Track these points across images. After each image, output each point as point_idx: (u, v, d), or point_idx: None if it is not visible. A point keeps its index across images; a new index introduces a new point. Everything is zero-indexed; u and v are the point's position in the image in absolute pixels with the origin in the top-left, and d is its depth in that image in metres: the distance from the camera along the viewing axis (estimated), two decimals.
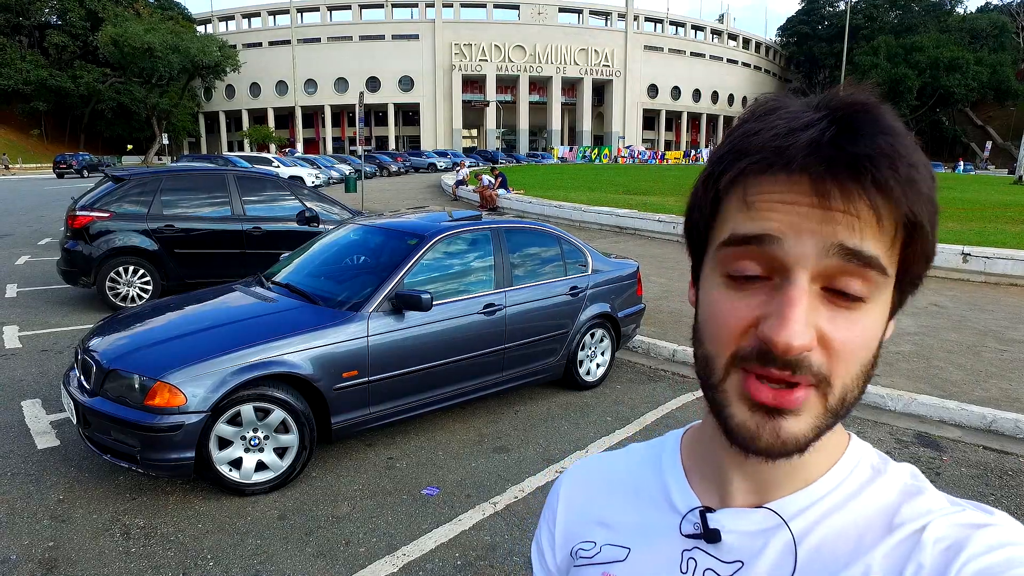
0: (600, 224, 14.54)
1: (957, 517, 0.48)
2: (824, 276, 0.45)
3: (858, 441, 0.55)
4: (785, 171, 0.45)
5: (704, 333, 0.50)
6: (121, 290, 7.02)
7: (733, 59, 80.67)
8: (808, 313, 0.44)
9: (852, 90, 0.46)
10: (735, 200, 0.47)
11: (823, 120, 0.45)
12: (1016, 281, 8.78)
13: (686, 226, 0.54)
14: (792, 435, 0.46)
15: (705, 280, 0.51)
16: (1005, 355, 5.74)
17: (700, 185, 0.51)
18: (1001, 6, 79.14)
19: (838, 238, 0.43)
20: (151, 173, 7.65)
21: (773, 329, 0.44)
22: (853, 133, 0.44)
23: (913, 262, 0.46)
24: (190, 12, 63.32)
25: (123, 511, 3.21)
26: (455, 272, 4.40)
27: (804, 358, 0.44)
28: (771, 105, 0.48)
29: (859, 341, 0.46)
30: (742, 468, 0.53)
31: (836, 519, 0.50)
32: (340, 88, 66.71)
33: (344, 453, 3.89)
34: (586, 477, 0.68)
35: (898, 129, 0.44)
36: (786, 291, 0.45)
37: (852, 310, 0.45)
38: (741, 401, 0.47)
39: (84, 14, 51.26)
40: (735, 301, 0.47)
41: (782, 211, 0.45)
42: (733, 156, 0.47)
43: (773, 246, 0.45)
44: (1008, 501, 3.51)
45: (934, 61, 61.61)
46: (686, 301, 3.92)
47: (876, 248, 0.44)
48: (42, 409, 4.39)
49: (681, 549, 0.55)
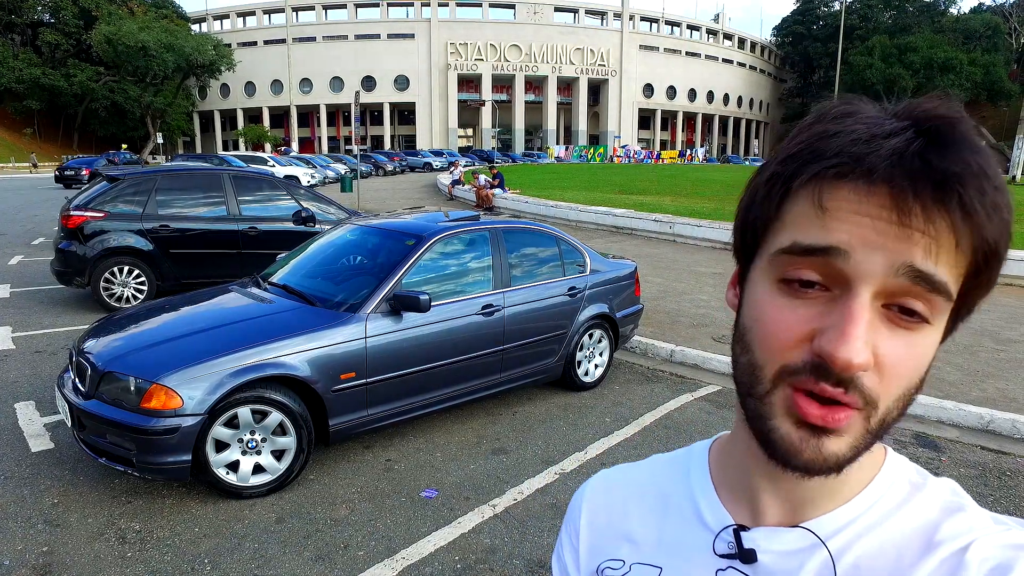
0: (597, 224, 14.54)
1: (1003, 537, 0.46)
2: (886, 294, 0.43)
3: (895, 455, 0.53)
4: (865, 179, 0.42)
5: (751, 339, 0.47)
6: (116, 291, 6.97)
7: (728, 59, 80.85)
8: (868, 331, 0.42)
9: (937, 101, 0.43)
10: (805, 204, 0.44)
11: (907, 130, 0.42)
12: (1012, 281, 8.82)
13: (739, 225, 0.50)
14: (834, 453, 0.44)
15: (754, 283, 0.48)
16: (1002, 355, 5.75)
17: (763, 183, 0.47)
18: (994, 7, 79.56)
19: (911, 259, 0.41)
20: (146, 173, 7.60)
21: (833, 344, 0.42)
22: (941, 147, 0.41)
23: (978, 290, 0.44)
24: (184, 10, 63.10)
25: (119, 515, 3.18)
26: (453, 273, 4.38)
27: (858, 377, 0.42)
28: (847, 108, 0.45)
29: (912, 364, 0.44)
30: (775, 484, 0.51)
31: (874, 537, 0.49)
32: (336, 87, 66.59)
33: (342, 455, 3.87)
34: (609, 490, 0.66)
35: (985, 147, 0.42)
36: (848, 305, 0.42)
37: (911, 331, 0.43)
38: (787, 416, 0.45)
39: (77, 12, 50.97)
40: (789, 309, 0.45)
41: (855, 223, 0.42)
42: (807, 157, 0.44)
43: (839, 259, 0.42)
44: (1007, 502, 3.51)
45: (928, 61, 61.88)
46: (684, 301, 3.91)
47: (947, 273, 0.42)
48: (36, 411, 4.35)
49: (715, 569, 0.54)
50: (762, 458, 0.47)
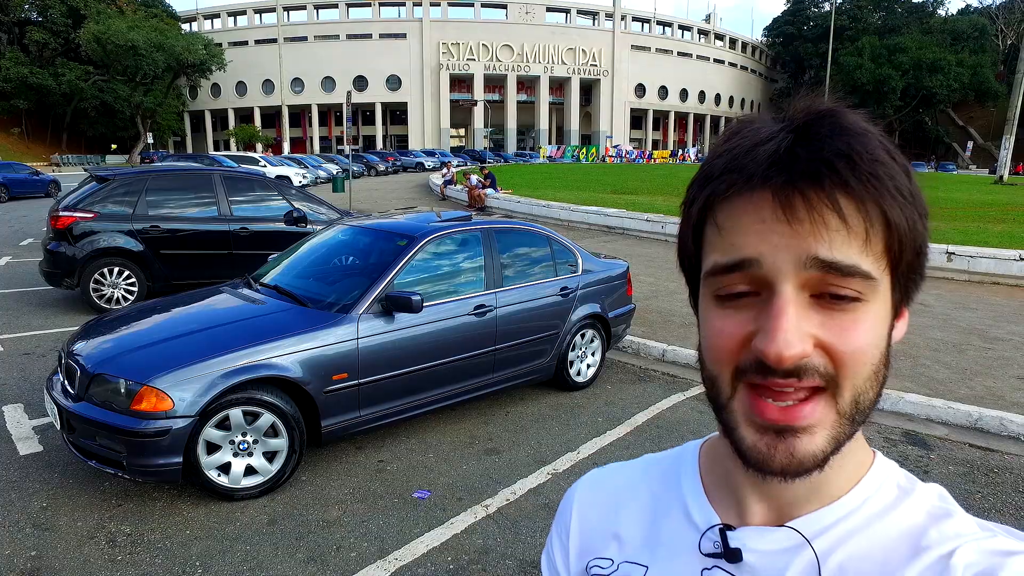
0: (589, 224, 14.57)
1: (988, 543, 0.46)
2: (809, 286, 0.44)
3: (884, 460, 0.54)
4: (748, 188, 0.44)
5: (706, 354, 0.50)
6: (106, 292, 6.92)
7: (720, 59, 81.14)
8: (799, 322, 0.44)
9: (811, 99, 0.46)
10: (711, 226, 0.47)
11: (782, 131, 0.44)
12: (999, 280, 8.91)
13: (678, 255, 0.54)
14: (809, 452, 0.45)
15: (701, 304, 0.51)
16: (989, 353, 5.81)
17: (682, 214, 0.51)
18: (981, 8, 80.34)
19: (811, 251, 0.43)
20: (136, 173, 7.55)
21: (764, 342, 0.44)
22: (810, 139, 0.43)
23: (899, 257, 0.45)
24: (175, 10, 62.53)
25: (109, 518, 3.15)
26: (445, 273, 4.38)
27: (805, 363, 0.44)
28: (737, 127, 0.48)
29: (861, 342, 0.45)
30: (758, 487, 0.52)
31: (861, 539, 0.49)
32: (327, 87, 66.29)
33: (334, 456, 3.86)
34: (600, 489, 0.66)
35: (858, 128, 0.44)
36: (773, 304, 0.44)
37: (848, 311, 0.44)
38: (748, 423, 0.47)
39: (65, 11, 50.42)
40: (728, 318, 0.47)
41: (753, 231, 0.44)
42: (701, 182, 0.48)
43: (754, 267, 0.45)
44: (994, 498, 3.55)
45: (917, 62, 62.39)
46: (675, 300, 3.95)
47: (852, 254, 0.43)
48: (24, 414, 4.31)
49: (700, 568, 0.54)
50: (744, 467, 0.49)
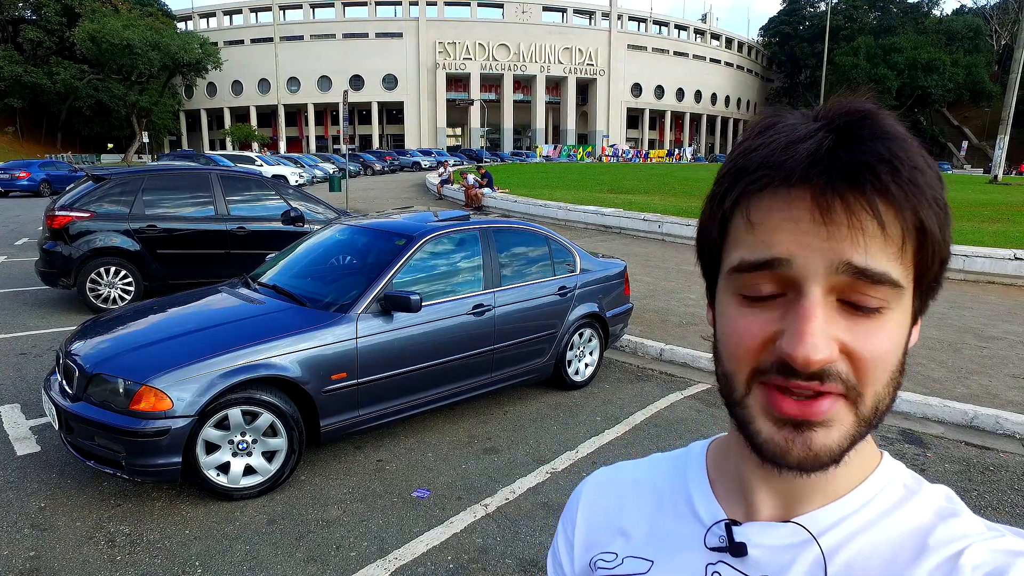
0: (586, 223, 14.58)
1: (996, 543, 0.46)
2: (837, 290, 0.44)
3: (891, 459, 0.54)
4: (785, 186, 0.44)
5: (723, 351, 0.50)
6: (102, 292, 6.90)
7: (716, 59, 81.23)
8: (826, 326, 0.43)
9: (849, 98, 0.45)
10: (740, 221, 0.47)
11: (821, 130, 0.44)
12: (993, 279, 8.95)
13: (698, 248, 0.53)
14: (826, 446, 0.45)
15: (720, 300, 0.50)
16: (985, 352, 5.85)
17: (706, 207, 0.50)
18: (975, 9, 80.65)
19: (845, 256, 0.43)
20: (132, 172, 7.53)
21: (791, 345, 0.43)
22: (851, 141, 0.43)
23: (927, 266, 0.46)
24: (170, 8, 62.32)
25: (108, 518, 3.15)
26: (444, 273, 4.38)
27: (830, 368, 0.44)
28: (770, 120, 0.47)
29: (883, 349, 0.45)
30: (769, 481, 0.52)
31: (867, 537, 0.49)
32: (323, 86, 66.15)
33: (333, 456, 3.86)
34: (607, 485, 0.67)
35: (898, 133, 0.44)
36: (801, 305, 0.44)
37: (872, 319, 0.45)
38: (765, 416, 0.47)
39: (60, 9, 50.18)
40: (751, 317, 0.47)
41: (787, 230, 0.44)
42: (734, 175, 0.47)
43: (784, 267, 0.44)
44: (990, 496, 3.57)
45: (912, 62, 62.63)
46: (673, 300, 3.95)
47: (885, 262, 0.43)
48: (21, 414, 4.29)
49: (705, 563, 0.54)
50: (759, 461, 0.48)
